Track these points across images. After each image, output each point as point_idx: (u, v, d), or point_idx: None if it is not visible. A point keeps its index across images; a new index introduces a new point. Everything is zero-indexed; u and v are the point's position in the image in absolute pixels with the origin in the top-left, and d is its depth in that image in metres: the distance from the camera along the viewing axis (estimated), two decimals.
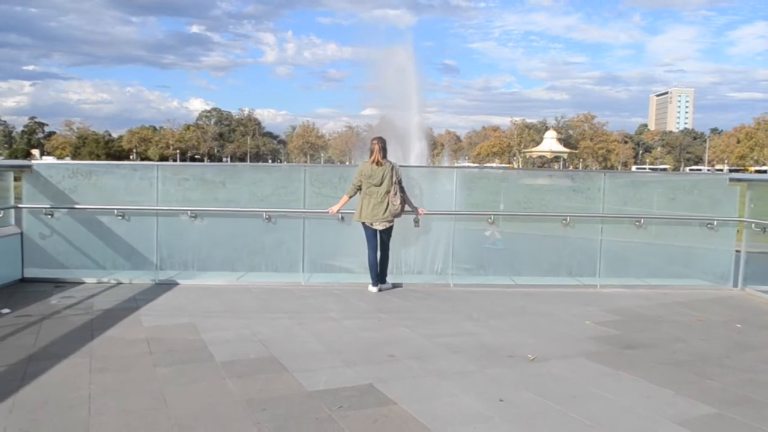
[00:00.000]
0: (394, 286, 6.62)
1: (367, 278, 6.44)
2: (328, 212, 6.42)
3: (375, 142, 6.28)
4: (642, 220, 6.94)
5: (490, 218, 6.76)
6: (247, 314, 5.40)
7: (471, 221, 6.95)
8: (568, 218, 6.84)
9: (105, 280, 6.58)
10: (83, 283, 6.51)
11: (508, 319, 5.48)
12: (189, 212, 6.52)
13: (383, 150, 6.28)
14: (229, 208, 6.66)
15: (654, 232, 7.14)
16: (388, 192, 6.22)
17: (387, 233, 6.38)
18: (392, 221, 6.31)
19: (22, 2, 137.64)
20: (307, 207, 6.66)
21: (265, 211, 6.57)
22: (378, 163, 6.24)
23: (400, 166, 6.48)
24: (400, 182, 6.31)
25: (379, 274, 6.45)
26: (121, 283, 6.55)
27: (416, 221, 6.58)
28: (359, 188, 6.31)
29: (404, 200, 6.33)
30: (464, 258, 6.98)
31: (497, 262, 7.17)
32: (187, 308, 5.56)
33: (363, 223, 6.32)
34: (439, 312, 5.66)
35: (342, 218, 6.60)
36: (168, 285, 6.48)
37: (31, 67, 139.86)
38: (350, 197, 6.37)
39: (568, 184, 7.05)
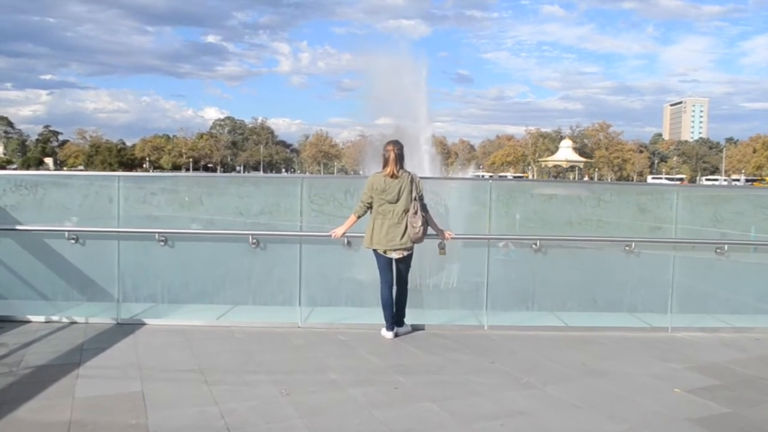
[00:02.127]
0: (414, 328, 5.27)
1: (380, 316, 5.09)
2: (331, 236, 5.08)
3: (389, 147, 4.96)
4: (726, 247, 5.51)
5: (536, 244, 5.37)
6: (220, 375, 4.07)
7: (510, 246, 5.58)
8: (633, 244, 5.43)
9: (55, 318, 5.31)
10: (29, 322, 5.25)
11: (569, 384, 4.08)
12: (158, 235, 5.24)
13: (400, 158, 4.96)
14: (208, 230, 5.35)
15: (738, 259, 5.70)
16: (406, 211, 4.88)
17: (405, 263, 5.03)
18: (412, 248, 4.97)
19: (40, 12, 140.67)
20: (305, 229, 5.34)
21: (252, 234, 5.26)
22: (393, 175, 4.90)
23: (421, 177, 5.12)
24: (421, 198, 4.97)
25: (395, 315, 5.10)
26: (74, 323, 5.29)
27: (441, 247, 5.22)
28: (370, 206, 4.98)
29: (427, 221, 4.99)
30: (501, 291, 5.59)
31: (541, 296, 5.77)
32: (144, 365, 4.24)
33: (375, 251, 4.97)
34: (476, 372, 4.28)
35: (348, 243, 5.27)
36: (131, 326, 5.19)
37: (48, 77, 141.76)
38: (359, 217, 5.03)
39: (632, 200, 5.66)
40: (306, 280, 5.38)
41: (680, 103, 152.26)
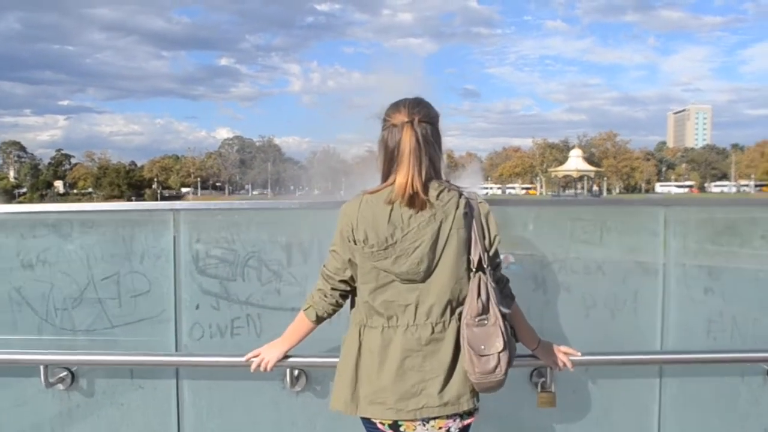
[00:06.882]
0: None
1: None
2: (250, 366, 1.84)
3: (400, 114, 1.67)
4: None
5: None
6: None
7: (722, 374, 2.22)
8: None
9: None
10: None
11: None
12: None
13: (428, 146, 1.66)
14: None
15: None
16: (455, 305, 1.62)
17: None
18: (474, 412, 1.68)
19: (60, 41, 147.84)
20: (188, 345, 2.09)
21: (53, 362, 2.04)
22: (414, 199, 1.62)
23: (488, 199, 1.80)
24: (496, 265, 1.71)
25: None
26: None
27: (546, 389, 1.94)
28: (349, 287, 1.72)
29: (513, 330, 1.71)
30: None
31: None
32: None
33: (365, 421, 1.70)
34: None
35: (296, 379, 2.01)
36: None
37: (66, 102, 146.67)
38: (320, 320, 1.77)
39: None
40: None
41: (683, 111, 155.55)
